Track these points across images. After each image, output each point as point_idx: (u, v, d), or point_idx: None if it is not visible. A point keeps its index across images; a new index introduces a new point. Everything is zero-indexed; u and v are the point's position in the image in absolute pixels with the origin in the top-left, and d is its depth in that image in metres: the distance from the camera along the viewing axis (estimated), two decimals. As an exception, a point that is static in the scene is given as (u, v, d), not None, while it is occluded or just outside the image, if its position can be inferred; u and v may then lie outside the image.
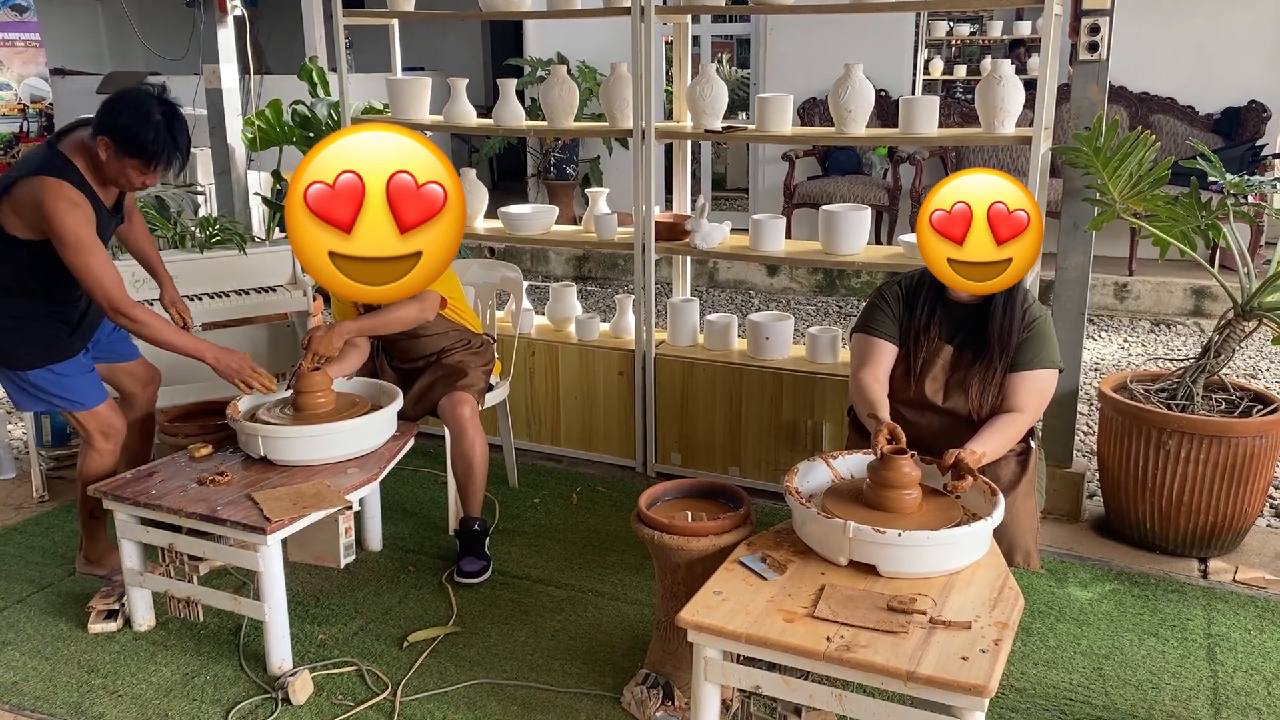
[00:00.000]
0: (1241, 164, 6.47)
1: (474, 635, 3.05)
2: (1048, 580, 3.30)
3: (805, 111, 7.97)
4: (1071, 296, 3.64)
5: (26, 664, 2.93)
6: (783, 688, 2.16)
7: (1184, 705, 2.69)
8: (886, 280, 3.06)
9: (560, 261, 8.19)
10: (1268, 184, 3.57)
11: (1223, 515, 3.39)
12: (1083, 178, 3.55)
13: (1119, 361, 5.79)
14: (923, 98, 3.60)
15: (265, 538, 2.69)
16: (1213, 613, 3.12)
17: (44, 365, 3.08)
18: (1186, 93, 7.21)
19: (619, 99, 3.95)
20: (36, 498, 4.01)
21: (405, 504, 3.93)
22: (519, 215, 4.24)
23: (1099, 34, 3.41)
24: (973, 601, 2.22)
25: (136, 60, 11.39)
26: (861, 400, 2.79)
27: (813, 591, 2.26)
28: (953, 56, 9.27)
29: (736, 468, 4.01)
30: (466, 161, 9.93)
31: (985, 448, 2.60)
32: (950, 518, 2.42)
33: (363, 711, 2.70)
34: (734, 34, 11.02)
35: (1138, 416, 3.43)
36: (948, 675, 1.97)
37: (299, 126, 5.49)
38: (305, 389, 3.13)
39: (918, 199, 7.19)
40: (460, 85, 4.25)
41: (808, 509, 2.40)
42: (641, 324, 4.03)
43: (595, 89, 7.65)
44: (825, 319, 6.80)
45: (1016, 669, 2.84)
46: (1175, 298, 6.68)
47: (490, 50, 11.75)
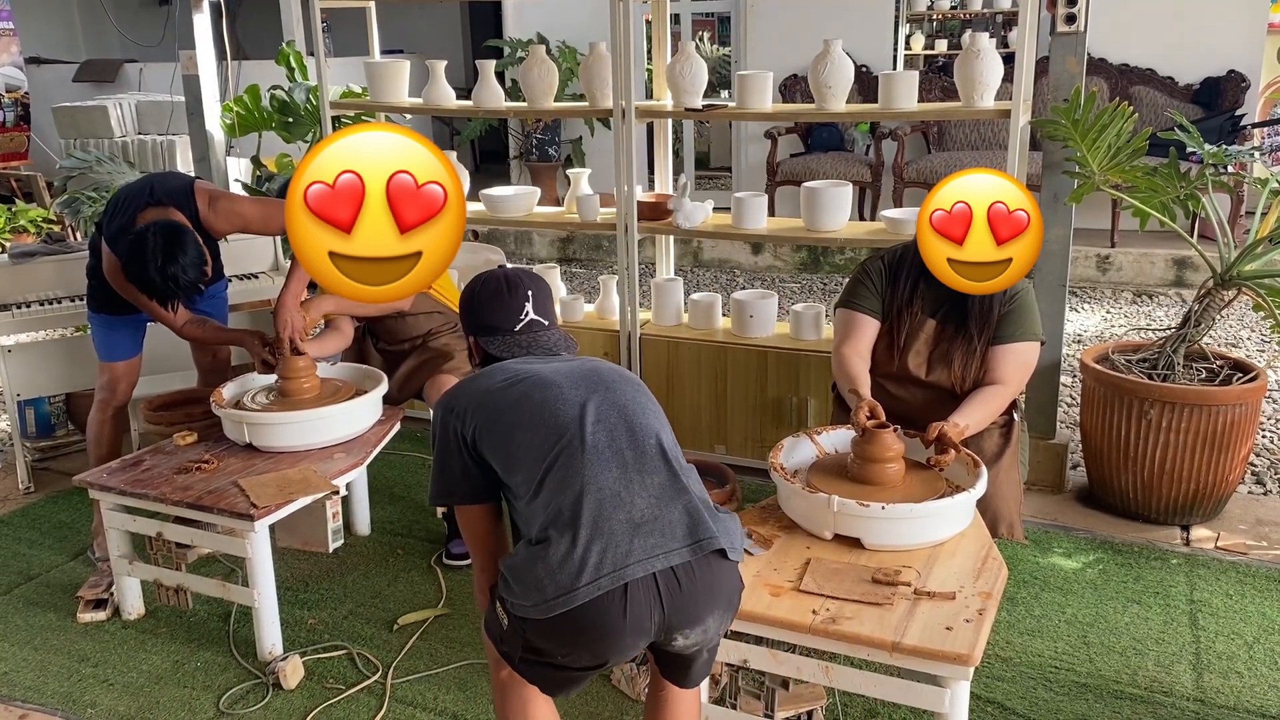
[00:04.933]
0: (1221, 134, 6.50)
1: (464, 617, 3.06)
2: (1032, 550, 3.33)
3: (786, 89, 7.96)
4: (1053, 269, 3.66)
5: (17, 654, 2.93)
6: (770, 661, 2.18)
7: (1167, 670, 2.73)
8: (870, 255, 3.07)
9: (544, 243, 8.17)
10: (1246, 154, 3.59)
11: (1204, 483, 3.42)
12: (1062, 150, 3.56)
13: (1101, 333, 5.83)
14: (902, 73, 3.60)
15: (253, 524, 2.70)
16: (1195, 579, 3.16)
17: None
18: (1166, 64, 7.22)
19: (599, 78, 3.94)
20: (22, 489, 3.99)
21: (393, 487, 3.93)
22: (501, 197, 4.23)
23: (1076, 6, 3.41)
24: (957, 572, 2.24)
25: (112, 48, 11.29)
26: (843, 376, 2.80)
27: (798, 566, 2.28)
28: (934, 31, 9.25)
29: (723, 445, 4.02)
30: (448, 144, 9.89)
31: (968, 420, 2.62)
32: (934, 490, 2.44)
33: (354, 695, 2.71)
34: (714, 11, 10.97)
35: (1119, 387, 3.46)
36: (933, 645, 1.99)
37: (277, 112, 5.45)
38: (289, 375, 3.13)
39: (900, 175, 7.20)
40: (439, 67, 4.23)
41: (793, 484, 2.41)
42: (626, 304, 4.04)
43: (575, 69, 7.61)
44: (809, 296, 6.82)
45: (1001, 638, 2.87)
46: (1157, 269, 6.71)
47: (469, 32, 11.68)
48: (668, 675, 2.05)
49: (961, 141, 7.63)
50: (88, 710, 2.69)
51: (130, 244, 3.00)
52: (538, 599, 1.81)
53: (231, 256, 4.40)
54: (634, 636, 1.83)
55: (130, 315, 3.39)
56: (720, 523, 1.93)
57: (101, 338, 3.46)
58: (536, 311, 2.20)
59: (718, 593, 1.89)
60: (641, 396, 2.04)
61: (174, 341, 3.50)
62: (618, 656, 1.88)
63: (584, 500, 1.85)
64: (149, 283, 3.00)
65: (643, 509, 1.87)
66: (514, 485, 1.96)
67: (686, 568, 1.85)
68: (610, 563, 1.80)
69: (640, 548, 1.83)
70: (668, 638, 1.88)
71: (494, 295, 2.19)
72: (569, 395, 1.97)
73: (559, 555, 1.82)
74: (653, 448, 1.95)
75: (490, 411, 1.99)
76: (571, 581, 1.79)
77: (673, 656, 1.99)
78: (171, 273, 2.98)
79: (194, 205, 3.21)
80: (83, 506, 3.74)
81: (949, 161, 7.10)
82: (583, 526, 1.83)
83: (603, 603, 1.79)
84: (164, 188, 3.21)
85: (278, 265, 4.56)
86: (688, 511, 1.90)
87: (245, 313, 4.35)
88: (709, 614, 1.88)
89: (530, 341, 2.17)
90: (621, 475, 1.89)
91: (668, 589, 1.83)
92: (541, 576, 1.81)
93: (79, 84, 9.91)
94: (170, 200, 3.17)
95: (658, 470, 1.93)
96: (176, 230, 3.02)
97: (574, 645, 1.85)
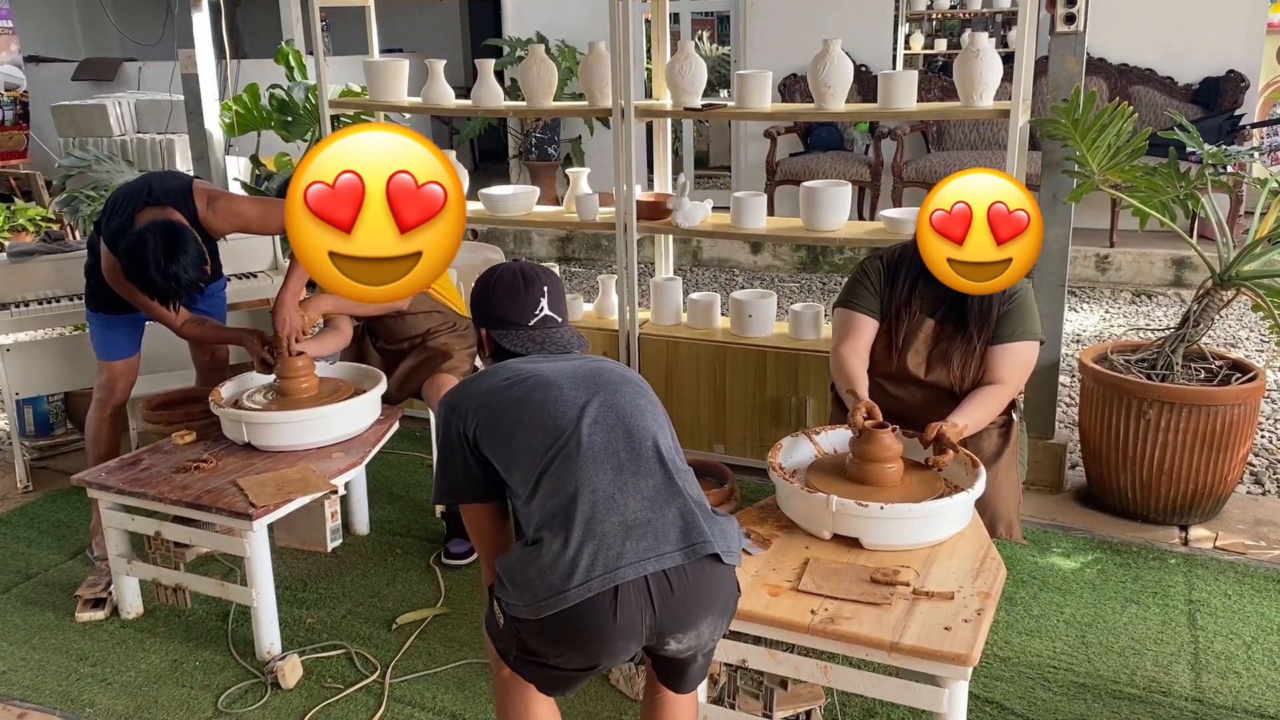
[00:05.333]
0: (1220, 134, 6.50)
1: (462, 616, 3.06)
2: (1030, 550, 3.33)
3: (786, 88, 7.96)
4: (1052, 268, 3.66)
5: (15, 654, 2.93)
6: (769, 661, 2.18)
7: (1165, 670, 2.73)
8: (869, 255, 3.07)
9: (543, 242, 8.17)
10: (1245, 154, 3.59)
11: (1203, 483, 3.42)
12: (1061, 150, 3.56)
13: (1100, 333, 5.83)
14: (901, 72, 3.60)
15: (251, 523, 2.70)
16: (1193, 579, 3.16)
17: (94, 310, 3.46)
18: (1165, 63, 7.22)
19: (598, 78, 3.94)
20: (20, 488, 3.99)
21: (391, 487, 3.93)
22: (500, 196, 4.23)
23: (1075, 5, 3.41)
24: (955, 572, 2.24)
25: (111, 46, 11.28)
26: (841, 376, 2.80)
27: (797, 565, 2.28)
28: (933, 31, 9.25)
29: (721, 445, 4.02)
30: (447, 143, 9.88)
31: (967, 420, 2.62)
32: (932, 490, 2.44)
33: (353, 694, 2.71)
34: (713, 10, 10.97)
35: (1118, 387, 3.46)
36: (931, 645, 1.99)
37: (277, 111, 5.45)
38: (288, 374, 3.12)
39: (899, 174, 7.20)
40: (438, 66, 4.23)
41: (791, 484, 2.41)
42: (625, 304, 4.03)
43: (575, 68, 7.62)
44: (808, 296, 6.82)
45: (1000, 638, 2.87)
46: (1156, 269, 6.71)
47: (469, 31, 11.68)
48: (663, 679, 2.05)
49: (961, 141, 7.62)
50: (86, 709, 2.69)
51: (130, 244, 3.00)
52: (529, 599, 1.81)
53: (230, 255, 4.40)
54: (625, 639, 1.83)
55: (129, 314, 3.39)
56: (716, 526, 1.92)
57: (100, 337, 3.46)
58: (551, 308, 2.20)
59: (711, 597, 1.88)
60: (642, 399, 2.04)
61: (172, 341, 3.50)
62: (609, 659, 1.87)
63: (578, 502, 1.85)
64: (150, 282, 3.00)
65: (636, 511, 1.87)
66: (514, 485, 1.97)
67: (679, 571, 1.84)
68: (601, 565, 1.80)
69: (632, 550, 1.82)
70: (660, 642, 1.88)
71: (509, 289, 2.18)
72: (569, 396, 1.97)
73: (551, 556, 1.82)
74: (649, 450, 1.95)
75: (491, 411, 1.99)
76: (563, 583, 1.79)
77: (667, 661, 1.98)
78: (173, 272, 2.97)
79: (192, 205, 3.20)
80: (81, 505, 3.74)
81: (948, 161, 7.10)
82: (575, 528, 1.83)
83: (593, 604, 1.79)
84: (162, 187, 3.20)
85: (276, 264, 4.56)
86: (682, 515, 1.89)
87: (244, 311, 4.35)
88: (702, 619, 1.88)
89: (544, 338, 2.17)
90: (616, 477, 1.89)
91: (659, 592, 1.82)
92: (534, 577, 1.82)
93: (78, 82, 9.90)
94: (168, 200, 3.17)
95: (653, 473, 1.92)
96: (176, 230, 3.01)
97: (565, 646, 1.85)
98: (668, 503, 1.90)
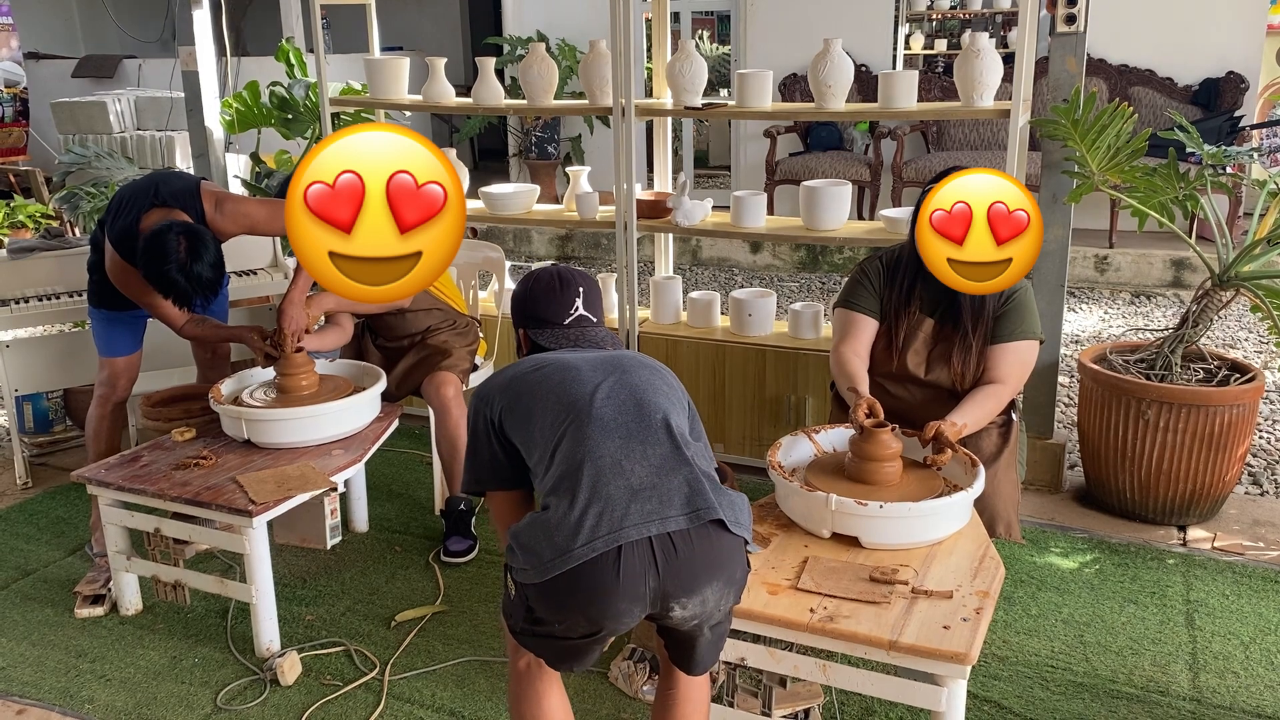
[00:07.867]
0: (1220, 135, 6.50)
1: (461, 614, 3.06)
2: (1029, 550, 3.34)
3: (786, 87, 7.96)
4: (1051, 269, 3.66)
5: (14, 650, 2.93)
6: (768, 659, 2.19)
7: (1163, 670, 2.73)
8: (868, 255, 3.07)
9: (543, 241, 8.17)
10: (1245, 154, 3.59)
11: (1201, 483, 3.43)
12: (1061, 150, 3.56)
13: (1099, 333, 5.84)
14: (902, 72, 3.60)
15: (251, 520, 2.70)
16: (1191, 579, 3.16)
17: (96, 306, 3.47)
18: (1165, 64, 7.23)
19: (598, 76, 3.94)
20: (20, 484, 3.99)
21: (391, 484, 3.94)
22: (500, 195, 4.23)
23: (1075, 6, 3.42)
24: (954, 571, 2.25)
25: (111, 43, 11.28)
26: (841, 375, 2.81)
27: (796, 564, 2.29)
28: (934, 31, 9.25)
29: (721, 444, 4.02)
30: (447, 141, 9.89)
31: (966, 419, 2.62)
32: (931, 489, 2.45)
33: (352, 691, 2.71)
34: (714, 9, 10.97)
35: (1117, 387, 3.46)
36: (930, 644, 2.00)
37: (277, 108, 5.44)
38: (288, 371, 3.13)
39: (899, 174, 7.20)
40: (439, 64, 4.23)
41: (790, 483, 2.42)
42: (624, 302, 4.04)
43: (575, 67, 7.62)
44: (808, 295, 6.82)
45: (999, 637, 2.87)
46: (1155, 269, 6.72)
47: (469, 29, 11.67)
48: (674, 658, 2.06)
49: (961, 141, 7.63)
50: (85, 705, 2.69)
51: (150, 243, 2.98)
52: (535, 562, 1.85)
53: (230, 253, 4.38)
54: (628, 601, 1.85)
55: (131, 311, 3.39)
56: (724, 497, 1.95)
57: (101, 333, 3.46)
58: (586, 308, 2.25)
59: (716, 563, 1.90)
60: (658, 379, 2.09)
61: (173, 338, 3.49)
62: (613, 622, 1.89)
63: (584, 467, 1.90)
64: (170, 282, 2.98)
65: (642, 477, 1.90)
66: (533, 465, 2.01)
67: (684, 535, 1.87)
68: (606, 525, 1.84)
69: (637, 512, 1.86)
70: (665, 607, 1.89)
71: (547, 290, 2.24)
72: (586, 377, 2.03)
73: (557, 518, 1.86)
74: (659, 423, 1.98)
75: (514, 394, 2.05)
76: (568, 543, 1.83)
77: (675, 635, 2.00)
78: (195, 273, 2.98)
79: (200, 207, 3.20)
80: (81, 502, 3.74)
81: (948, 161, 7.10)
82: (581, 491, 1.87)
83: (597, 564, 1.82)
84: (169, 189, 3.20)
85: (276, 261, 4.56)
86: (688, 482, 1.92)
87: (244, 309, 4.35)
88: (706, 584, 1.89)
89: (579, 335, 2.22)
90: (623, 445, 1.93)
91: (663, 553, 1.85)
92: (540, 540, 1.86)
93: (78, 79, 9.90)
94: (176, 202, 3.16)
95: (660, 443, 1.96)
96: (199, 232, 3.02)
97: (570, 610, 1.87)
98: (674, 470, 1.93)
